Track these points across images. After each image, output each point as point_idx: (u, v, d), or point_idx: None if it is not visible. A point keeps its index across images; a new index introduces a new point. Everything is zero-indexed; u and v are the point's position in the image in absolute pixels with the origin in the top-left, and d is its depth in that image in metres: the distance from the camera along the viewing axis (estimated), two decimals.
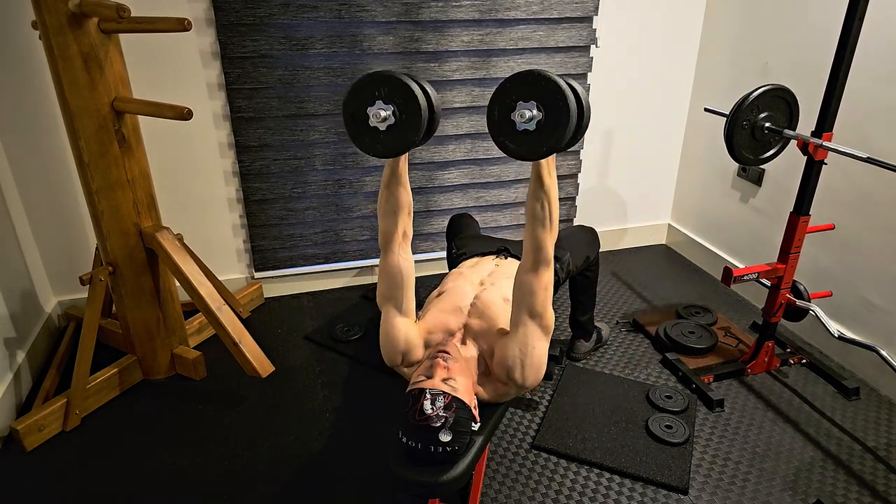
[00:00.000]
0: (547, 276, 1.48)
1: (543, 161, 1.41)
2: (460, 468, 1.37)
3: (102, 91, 1.84)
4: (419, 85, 1.46)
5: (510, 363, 1.48)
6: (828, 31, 2.27)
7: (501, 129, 1.36)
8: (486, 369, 1.58)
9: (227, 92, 2.45)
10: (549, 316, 1.50)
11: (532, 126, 1.30)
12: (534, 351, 1.48)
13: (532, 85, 1.29)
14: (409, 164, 2.73)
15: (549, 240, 1.46)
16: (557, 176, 3.12)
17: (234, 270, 2.82)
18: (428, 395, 1.32)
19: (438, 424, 1.30)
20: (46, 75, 2.26)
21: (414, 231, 2.92)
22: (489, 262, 1.93)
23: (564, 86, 1.26)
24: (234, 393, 2.23)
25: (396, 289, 1.57)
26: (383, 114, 1.40)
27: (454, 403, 1.33)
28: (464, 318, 1.62)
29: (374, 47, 2.50)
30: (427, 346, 1.58)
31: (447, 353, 1.46)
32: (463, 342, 1.58)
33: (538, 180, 1.43)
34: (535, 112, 1.29)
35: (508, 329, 1.58)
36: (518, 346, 1.48)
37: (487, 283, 1.76)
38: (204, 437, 2.03)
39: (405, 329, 1.56)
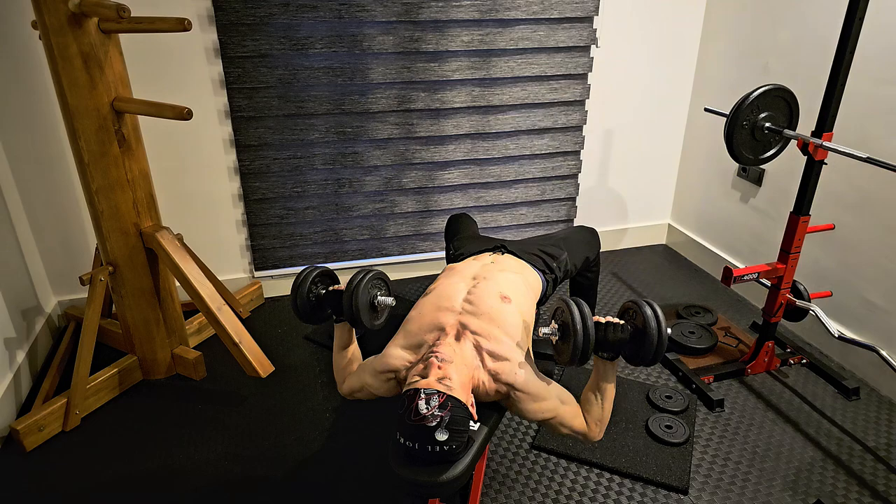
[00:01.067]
0: (575, 429, 1.56)
1: (599, 363, 1.54)
2: (460, 468, 1.37)
3: (102, 91, 1.84)
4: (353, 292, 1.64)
5: (520, 381, 1.51)
6: (828, 32, 2.27)
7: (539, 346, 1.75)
8: (483, 364, 1.56)
9: (227, 91, 2.45)
10: (554, 421, 1.56)
11: (554, 340, 1.54)
12: (543, 406, 1.53)
13: (561, 310, 1.51)
14: (410, 164, 2.79)
15: (590, 434, 1.56)
16: (558, 176, 3.14)
17: (234, 270, 2.82)
18: (422, 395, 1.32)
19: (434, 424, 1.30)
20: (46, 75, 2.27)
21: (414, 231, 2.94)
22: (485, 258, 1.92)
23: (576, 312, 1.43)
24: (234, 393, 2.23)
25: (365, 390, 1.67)
26: (388, 301, 1.70)
27: (449, 402, 1.33)
28: (456, 315, 1.60)
29: (374, 47, 2.50)
30: (420, 346, 1.57)
31: (441, 352, 1.46)
32: (457, 339, 1.56)
33: (597, 376, 1.55)
34: (549, 329, 1.53)
35: (507, 328, 1.57)
36: (540, 387, 1.53)
37: (480, 277, 1.74)
38: (204, 437, 2.03)
39: (346, 389, 1.71)
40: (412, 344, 1.58)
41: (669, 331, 1.46)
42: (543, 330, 1.53)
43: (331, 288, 1.73)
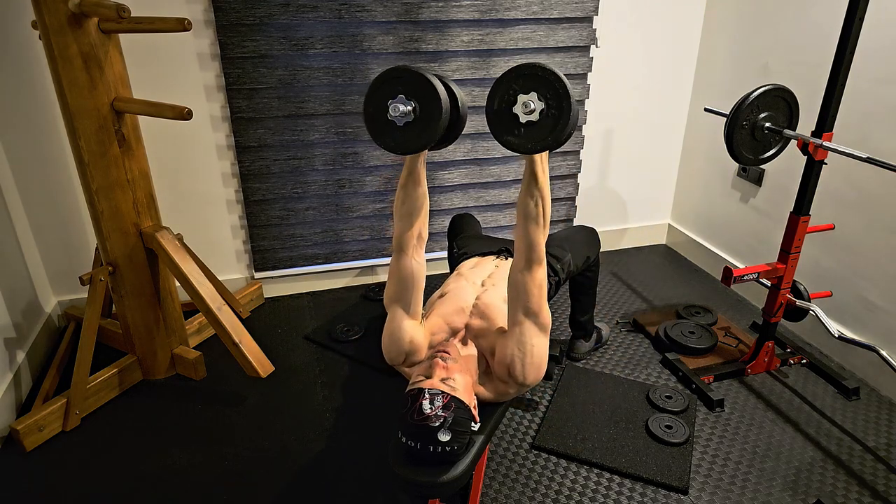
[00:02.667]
0: (540, 274, 1.47)
1: (538, 157, 1.41)
2: (460, 468, 1.37)
3: (102, 91, 1.84)
4: (445, 85, 1.44)
5: (509, 361, 1.48)
6: (828, 31, 2.27)
7: (503, 123, 1.34)
8: (487, 368, 1.58)
9: (226, 92, 2.45)
10: (546, 313, 1.49)
11: (535, 117, 1.30)
12: (533, 349, 1.48)
13: (531, 77, 1.29)
14: None
15: (542, 237, 1.46)
16: (558, 176, 3.14)
17: (234, 270, 2.82)
18: (426, 395, 1.32)
19: (437, 424, 1.30)
20: (46, 75, 2.26)
21: None
22: (489, 262, 1.93)
23: (562, 75, 1.27)
24: (234, 393, 2.23)
25: (406, 291, 1.55)
26: (402, 108, 1.39)
27: (453, 403, 1.33)
28: (465, 319, 1.62)
29: (374, 47, 2.50)
30: (430, 346, 1.58)
31: (446, 353, 1.47)
32: (464, 342, 1.58)
33: (532, 176, 1.43)
34: (537, 103, 1.29)
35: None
36: (516, 345, 1.48)
37: (488, 283, 1.77)
38: (204, 438, 2.03)
39: (411, 330, 1.54)
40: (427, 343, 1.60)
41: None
42: (526, 105, 1.29)
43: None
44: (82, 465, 1.91)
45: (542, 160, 1.42)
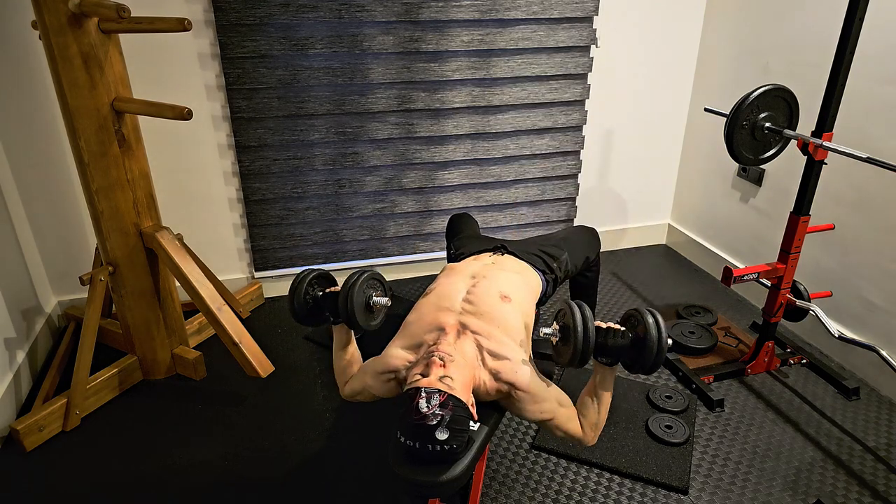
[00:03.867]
0: (570, 432, 1.56)
1: (598, 371, 1.56)
2: (460, 468, 1.37)
3: (102, 91, 1.84)
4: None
5: (520, 380, 1.51)
6: (828, 32, 2.27)
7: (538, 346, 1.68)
8: (484, 363, 1.56)
9: (226, 92, 2.45)
10: (552, 422, 1.56)
11: (555, 341, 1.54)
12: (541, 407, 1.53)
13: (564, 312, 1.51)
14: (409, 164, 2.78)
15: (584, 438, 1.57)
16: (558, 176, 3.13)
17: (234, 270, 2.82)
18: (423, 394, 1.32)
19: (434, 422, 1.30)
20: (46, 75, 2.27)
21: (414, 231, 2.94)
22: (485, 258, 1.92)
23: (578, 314, 1.44)
24: (234, 393, 2.23)
25: (366, 393, 1.67)
26: (383, 301, 1.70)
27: (450, 401, 1.33)
28: (456, 315, 1.60)
29: (374, 47, 2.50)
30: (420, 346, 1.57)
31: (442, 350, 1.46)
32: (458, 338, 1.56)
33: (592, 379, 1.58)
34: (550, 330, 1.53)
35: (507, 328, 1.57)
36: (540, 387, 1.53)
37: (480, 276, 1.74)
38: (204, 438, 2.03)
39: (348, 392, 1.70)
40: (412, 344, 1.58)
41: (670, 341, 1.47)
42: (545, 330, 1.53)
43: (327, 290, 1.73)
44: (82, 465, 1.91)
45: (603, 375, 1.55)
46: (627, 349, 1.47)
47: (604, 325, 1.50)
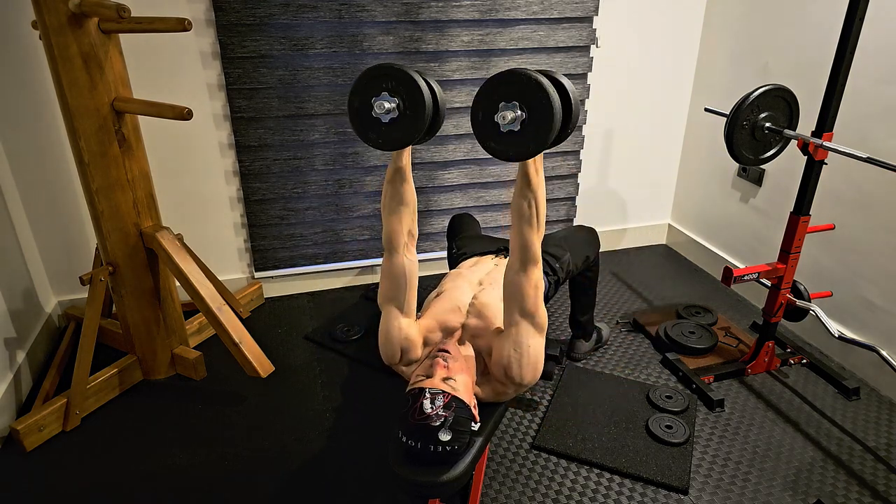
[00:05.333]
0: (536, 275, 1.46)
1: (530, 159, 1.39)
2: (460, 468, 1.37)
3: (102, 91, 1.84)
4: (426, 81, 1.45)
5: (506, 362, 1.48)
6: (828, 31, 2.27)
7: (486, 131, 1.32)
8: (485, 369, 1.58)
9: (227, 92, 2.45)
10: (542, 314, 1.49)
11: (516, 127, 1.27)
12: (529, 349, 1.48)
13: (513, 85, 1.27)
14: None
15: (537, 239, 1.45)
16: (558, 176, 3.13)
17: (234, 270, 2.82)
18: (427, 395, 1.32)
19: (438, 423, 1.30)
20: (46, 75, 2.27)
21: None
22: (488, 261, 1.93)
23: (546, 83, 1.24)
24: (234, 393, 2.23)
25: (400, 290, 1.55)
26: (387, 105, 1.40)
27: (453, 402, 1.33)
28: (463, 319, 1.62)
29: (374, 47, 2.50)
30: (426, 345, 1.58)
31: (447, 352, 1.46)
32: (462, 342, 1.58)
33: (525, 178, 1.41)
34: (517, 112, 1.26)
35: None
36: (512, 346, 1.48)
37: (486, 282, 1.76)
38: (204, 437, 2.03)
39: (406, 328, 1.55)
40: (424, 342, 1.60)
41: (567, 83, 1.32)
42: (506, 116, 1.26)
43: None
44: (82, 465, 1.91)
45: (535, 162, 1.41)
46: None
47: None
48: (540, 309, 1.48)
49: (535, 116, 1.25)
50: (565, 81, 1.38)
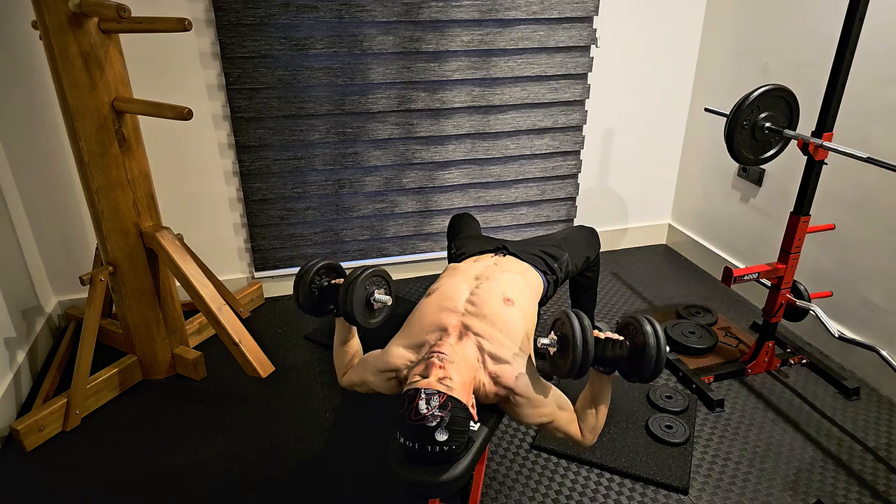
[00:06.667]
0: (569, 434, 1.57)
1: (595, 377, 1.55)
2: (460, 468, 1.37)
3: (102, 91, 1.84)
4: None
5: (521, 385, 1.51)
6: (828, 32, 2.27)
7: (538, 353, 1.57)
8: (484, 365, 1.56)
9: (227, 92, 2.45)
10: (549, 426, 1.56)
11: (552, 352, 1.51)
12: (542, 411, 1.53)
13: (558, 322, 1.50)
14: (410, 164, 2.79)
15: (582, 441, 1.58)
16: (558, 176, 3.13)
17: (234, 270, 2.82)
18: (423, 395, 1.32)
19: (434, 424, 1.30)
20: (46, 75, 2.27)
21: (414, 231, 2.94)
22: (487, 259, 1.92)
23: (576, 324, 1.42)
24: (234, 393, 2.23)
25: (367, 386, 1.67)
26: (382, 298, 1.67)
27: (450, 402, 1.33)
28: (459, 316, 1.60)
29: (374, 47, 2.50)
30: (422, 346, 1.57)
31: (443, 352, 1.46)
32: (459, 340, 1.57)
33: (589, 386, 1.57)
34: (548, 340, 1.50)
35: (509, 331, 1.57)
36: (537, 390, 1.53)
37: (483, 278, 1.75)
38: (204, 437, 2.03)
39: (351, 377, 1.70)
40: (414, 343, 1.58)
41: (668, 349, 1.45)
42: (542, 341, 1.51)
43: (332, 281, 1.71)
44: (82, 465, 1.91)
45: (600, 383, 1.53)
46: (625, 359, 1.45)
47: (602, 335, 1.49)
48: (554, 426, 1.56)
49: (561, 347, 1.47)
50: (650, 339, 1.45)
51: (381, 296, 1.66)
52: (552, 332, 1.54)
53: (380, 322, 1.73)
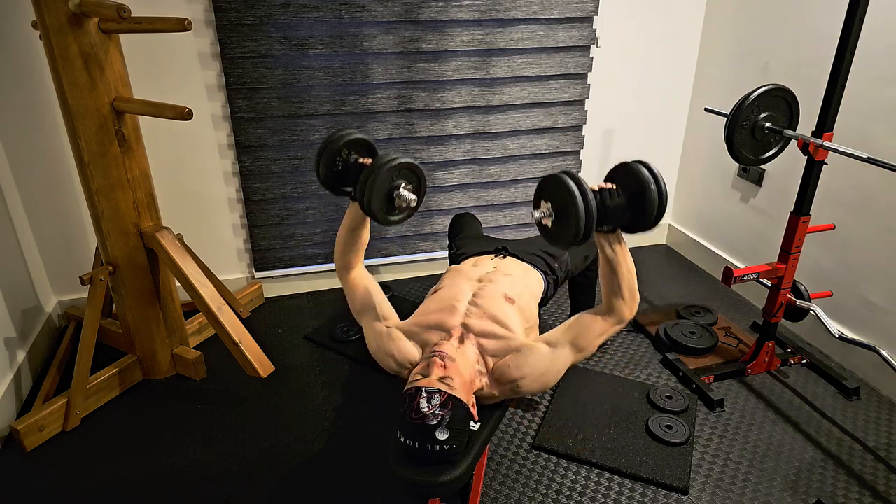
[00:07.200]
0: (607, 327, 1.53)
1: (602, 240, 1.47)
2: (460, 468, 1.37)
3: (102, 91, 1.84)
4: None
5: (526, 372, 1.50)
6: (828, 32, 2.27)
7: (539, 226, 1.44)
8: (486, 367, 1.57)
9: (227, 92, 2.45)
10: (590, 352, 1.55)
11: (549, 223, 1.39)
12: (556, 374, 1.53)
13: (547, 187, 1.37)
14: None
15: (625, 308, 1.52)
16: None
17: (234, 270, 2.82)
18: (424, 394, 1.32)
19: (434, 423, 1.30)
20: (46, 75, 2.27)
21: (414, 231, 2.94)
22: (488, 260, 1.93)
23: (573, 186, 1.30)
24: (234, 393, 2.23)
25: (366, 298, 1.65)
26: (409, 197, 1.52)
27: (450, 401, 1.33)
28: (461, 317, 1.61)
29: (374, 47, 2.50)
30: (424, 345, 1.58)
31: (444, 351, 1.46)
32: (461, 341, 1.57)
33: (604, 258, 1.50)
34: (541, 212, 1.38)
35: (510, 330, 1.57)
36: (545, 363, 1.51)
37: (486, 280, 1.76)
38: (204, 437, 2.03)
39: (385, 333, 1.64)
40: (418, 343, 1.60)
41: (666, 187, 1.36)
42: (535, 214, 1.39)
43: (360, 160, 1.53)
44: (82, 465, 1.91)
45: (611, 243, 1.47)
46: (626, 207, 1.34)
47: (595, 187, 1.38)
48: (591, 348, 1.54)
49: (563, 216, 1.34)
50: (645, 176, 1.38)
51: (406, 192, 1.48)
52: (542, 202, 1.39)
53: (399, 222, 1.57)
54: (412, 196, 1.50)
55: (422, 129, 2.71)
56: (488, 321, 1.59)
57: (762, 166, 2.61)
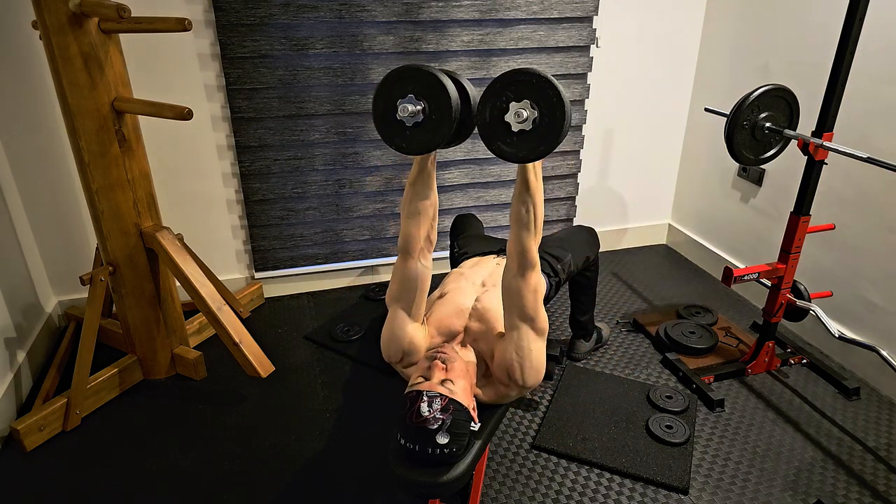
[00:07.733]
0: (534, 279, 1.46)
1: (530, 164, 1.38)
2: (460, 469, 1.37)
3: (102, 91, 1.84)
4: (457, 83, 1.41)
5: (509, 365, 1.48)
6: (828, 31, 2.27)
7: (494, 132, 1.31)
8: (487, 371, 1.58)
9: (227, 92, 2.45)
10: (542, 318, 1.49)
11: (528, 126, 1.26)
12: (531, 353, 1.48)
13: (524, 84, 1.25)
14: (410, 164, 2.74)
15: (534, 243, 1.45)
16: (558, 176, 3.13)
17: (234, 270, 2.82)
18: (425, 397, 1.32)
19: (435, 426, 1.30)
20: (46, 75, 2.27)
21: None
22: (490, 261, 1.93)
23: (557, 83, 1.24)
24: (234, 393, 2.23)
25: (409, 293, 1.54)
26: (411, 108, 1.35)
27: (451, 405, 1.33)
28: (464, 321, 1.62)
29: (374, 47, 2.50)
30: (428, 348, 1.58)
31: (445, 354, 1.46)
32: (463, 344, 1.58)
33: (524, 183, 1.41)
34: (532, 111, 1.25)
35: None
36: (515, 350, 1.48)
37: (489, 283, 1.76)
38: (204, 437, 2.03)
39: (412, 332, 1.55)
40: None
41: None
42: (516, 120, 1.25)
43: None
44: (82, 465, 1.91)
45: (534, 167, 1.41)
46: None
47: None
48: (540, 313, 1.48)
49: (547, 115, 1.24)
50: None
51: (409, 104, 1.36)
52: (520, 102, 1.25)
53: (413, 147, 1.41)
54: (414, 107, 1.37)
55: None
56: (489, 326, 1.59)
57: (762, 166, 2.61)
